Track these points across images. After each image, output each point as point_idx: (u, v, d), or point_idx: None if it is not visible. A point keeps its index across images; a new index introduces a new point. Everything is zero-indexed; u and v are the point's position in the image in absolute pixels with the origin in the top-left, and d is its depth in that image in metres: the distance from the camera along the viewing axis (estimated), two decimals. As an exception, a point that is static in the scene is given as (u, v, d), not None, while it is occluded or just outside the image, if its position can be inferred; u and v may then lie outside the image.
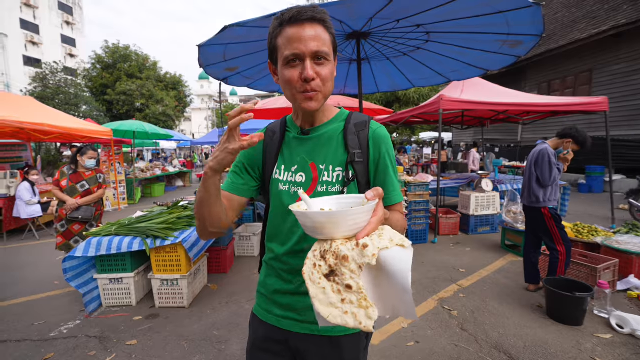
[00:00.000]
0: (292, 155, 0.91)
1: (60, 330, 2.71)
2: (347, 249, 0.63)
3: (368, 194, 0.67)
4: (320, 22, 0.78)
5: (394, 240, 0.63)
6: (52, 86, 16.40)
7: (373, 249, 0.61)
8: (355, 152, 0.86)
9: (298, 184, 0.89)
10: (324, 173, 0.88)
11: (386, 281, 0.62)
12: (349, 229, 0.64)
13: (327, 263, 0.63)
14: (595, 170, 9.05)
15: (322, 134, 0.90)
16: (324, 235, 0.65)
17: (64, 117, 6.77)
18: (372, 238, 0.63)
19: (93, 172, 3.60)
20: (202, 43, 2.78)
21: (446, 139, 18.18)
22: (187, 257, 3.00)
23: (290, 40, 0.76)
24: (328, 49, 0.78)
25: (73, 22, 33.57)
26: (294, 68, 0.77)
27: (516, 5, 2.47)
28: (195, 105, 56.65)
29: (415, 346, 2.39)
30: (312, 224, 0.64)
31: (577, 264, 3.15)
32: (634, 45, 8.68)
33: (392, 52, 3.76)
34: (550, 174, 2.92)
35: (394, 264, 0.60)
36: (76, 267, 2.92)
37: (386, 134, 0.91)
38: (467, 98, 5.09)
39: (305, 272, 0.64)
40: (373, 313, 0.59)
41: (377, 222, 0.65)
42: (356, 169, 0.87)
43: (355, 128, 0.89)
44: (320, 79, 0.78)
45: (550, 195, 3.00)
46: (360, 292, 0.60)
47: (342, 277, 0.61)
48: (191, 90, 28.28)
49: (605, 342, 2.36)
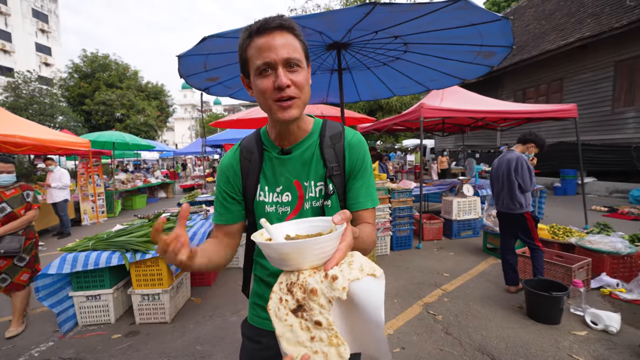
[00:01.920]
0: (276, 175, 0.89)
1: (30, 354, 2.56)
2: (315, 281, 0.58)
3: (335, 217, 0.63)
4: (289, 30, 0.76)
5: (364, 269, 0.59)
6: (25, 96, 15.80)
7: (343, 282, 0.56)
8: (332, 165, 0.87)
9: (285, 204, 0.88)
10: (309, 189, 0.88)
11: (357, 315, 0.58)
12: (316, 257, 0.60)
13: (294, 297, 0.59)
14: (568, 173, 9.47)
15: (303, 151, 0.88)
16: (290, 266, 0.61)
17: (38, 128, 6.52)
18: (341, 268, 0.59)
19: (17, 190, 2.90)
20: (182, 53, 2.77)
21: (429, 146, 18.61)
22: (169, 271, 2.93)
23: (261, 49, 0.74)
24: (300, 56, 0.76)
25: (48, 30, 32.57)
26: (267, 77, 0.75)
27: (486, 19, 2.60)
28: (178, 115, 55.75)
29: (401, 352, 2.40)
30: (277, 255, 0.60)
31: (554, 264, 3.27)
32: (598, 56, 9.25)
33: (372, 62, 3.86)
34: (530, 180, 3.09)
35: (365, 297, 0.56)
36: (49, 286, 2.78)
37: (361, 140, 0.91)
38: (446, 106, 5.26)
39: (270, 308, 0.60)
40: (345, 351, 0.56)
41: (346, 248, 0.62)
42: (334, 182, 0.87)
43: (331, 141, 0.89)
44: (295, 85, 0.75)
45: (528, 199, 3.17)
46: (331, 328, 0.56)
47: (310, 312, 0.57)
48: (174, 99, 27.88)
49: (581, 339, 2.45)
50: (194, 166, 22.23)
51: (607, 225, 4.13)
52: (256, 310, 0.98)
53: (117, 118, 20.41)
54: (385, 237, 4.64)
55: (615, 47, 8.71)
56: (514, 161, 3.15)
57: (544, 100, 10.98)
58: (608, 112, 9.08)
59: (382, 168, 6.77)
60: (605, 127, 9.17)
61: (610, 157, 8.73)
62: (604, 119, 9.19)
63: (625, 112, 8.69)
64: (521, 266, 3.52)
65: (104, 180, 8.91)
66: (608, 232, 3.95)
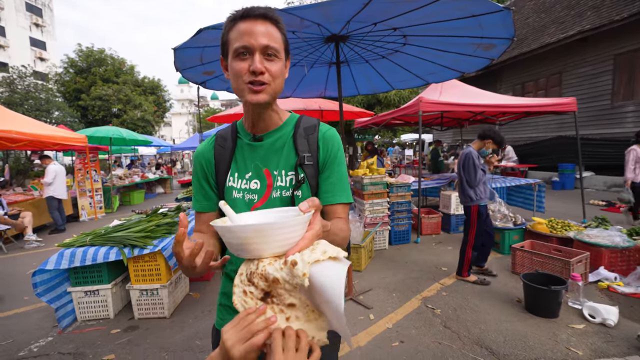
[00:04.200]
0: (246, 162, 0.89)
1: (30, 349, 2.55)
2: (274, 269, 0.55)
3: (302, 205, 0.60)
4: (272, 21, 0.78)
5: (327, 252, 0.55)
6: (21, 91, 15.61)
7: (303, 267, 0.53)
8: (304, 155, 0.86)
9: (253, 191, 0.87)
10: (278, 178, 0.87)
11: (319, 298, 0.55)
12: (279, 244, 0.56)
13: (257, 288, 0.56)
14: (566, 167, 9.48)
15: (275, 139, 0.89)
16: (251, 253, 0.57)
17: (34, 123, 6.46)
18: (302, 254, 0.55)
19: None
20: (178, 46, 2.72)
21: (427, 141, 18.59)
22: (167, 266, 2.91)
23: (242, 33, 0.76)
24: (278, 46, 0.78)
25: (43, 25, 32.12)
26: (243, 61, 0.76)
27: (488, 9, 2.56)
28: (176, 110, 55.39)
29: (400, 346, 2.41)
30: (237, 239, 0.56)
31: (552, 258, 3.28)
32: (597, 49, 9.19)
33: (370, 55, 3.81)
34: (475, 176, 3.21)
35: (324, 280, 0.52)
36: (48, 281, 2.76)
37: (335, 134, 0.92)
38: (445, 100, 5.22)
39: (236, 303, 0.57)
40: (323, 323, 0.55)
41: (313, 236, 0.59)
42: (306, 172, 0.86)
43: (305, 132, 0.89)
44: (270, 74, 0.77)
45: (480, 194, 3.27)
46: (307, 304, 0.55)
47: (280, 297, 0.56)
48: (171, 94, 27.63)
49: (579, 332, 2.47)
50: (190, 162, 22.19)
51: (605, 219, 4.14)
52: (223, 313, 0.94)
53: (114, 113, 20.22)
54: (383, 231, 4.64)
55: (615, 40, 8.65)
56: (463, 157, 3.29)
57: (543, 94, 10.94)
58: (607, 106, 9.06)
59: (380, 162, 6.75)
60: (604, 121, 9.16)
61: (609, 152, 8.72)
62: (603, 112, 9.16)
63: (624, 106, 8.67)
64: (519, 260, 3.53)
65: (101, 175, 8.86)
66: (606, 226, 3.96)
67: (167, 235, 3.11)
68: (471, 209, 3.29)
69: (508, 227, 4.23)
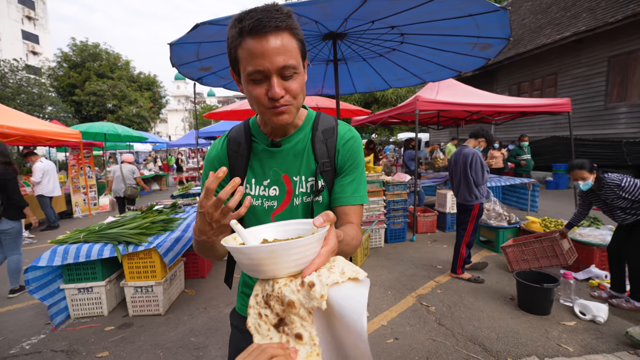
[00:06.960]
0: (264, 168, 0.86)
1: (21, 347, 2.53)
2: (291, 291, 0.52)
3: (317, 220, 0.57)
4: (286, 30, 0.67)
5: (345, 273, 0.53)
6: (13, 85, 15.37)
7: (321, 289, 0.50)
8: (323, 161, 0.84)
9: (272, 198, 0.85)
10: (298, 184, 0.85)
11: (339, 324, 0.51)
12: (294, 264, 0.53)
13: (273, 311, 0.53)
14: (560, 168, 9.58)
15: (294, 144, 0.85)
16: (265, 274, 0.54)
17: (26, 118, 6.36)
18: (320, 274, 0.53)
19: None
20: (174, 41, 2.70)
21: (424, 139, 18.66)
22: (162, 263, 2.90)
23: (253, 55, 0.66)
24: (296, 61, 0.69)
25: (35, 18, 31.54)
26: (259, 85, 0.69)
27: (484, 9, 2.57)
28: (172, 107, 54.90)
29: (395, 343, 2.43)
30: (249, 260, 0.53)
31: (539, 239, 3.34)
32: (592, 51, 9.28)
33: (368, 53, 3.81)
34: (483, 175, 3.28)
35: (345, 304, 0.49)
36: (40, 278, 2.74)
37: (354, 136, 0.88)
38: (442, 99, 5.25)
39: (250, 325, 0.55)
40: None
41: (328, 253, 0.56)
42: (325, 179, 0.85)
43: (323, 135, 0.86)
44: (291, 94, 0.71)
45: (483, 192, 3.36)
46: (313, 344, 0.51)
47: (291, 326, 0.52)
48: (167, 91, 27.40)
49: (570, 329, 2.51)
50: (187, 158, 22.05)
51: (597, 218, 4.20)
52: (244, 299, 0.96)
53: (109, 109, 20.02)
54: (379, 229, 4.66)
55: (609, 42, 8.74)
56: (470, 157, 3.30)
57: (538, 95, 11.03)
58: (601, 107, 9.16)
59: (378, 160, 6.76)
60: (597, 122, 9.26)
61: (602, 152, 8.82)
62: (597, 113, 9.27)
63: (617, 107, 8.77)
64: (512, 256, 3.57)
65: (95, 172, 8.77)
66: (598, 225, 4.01)
67: (162, 232, 3.09)
68: (474, 207, 3.34)
69: (502, 225, 4.27)
